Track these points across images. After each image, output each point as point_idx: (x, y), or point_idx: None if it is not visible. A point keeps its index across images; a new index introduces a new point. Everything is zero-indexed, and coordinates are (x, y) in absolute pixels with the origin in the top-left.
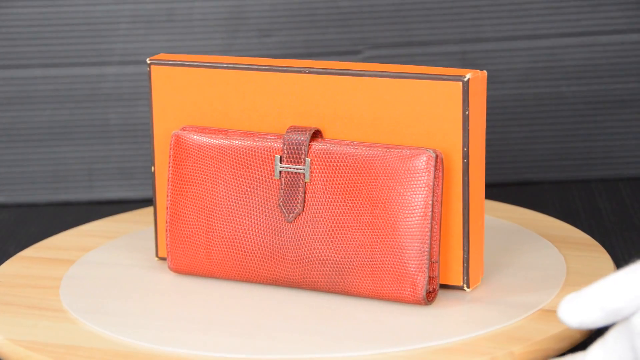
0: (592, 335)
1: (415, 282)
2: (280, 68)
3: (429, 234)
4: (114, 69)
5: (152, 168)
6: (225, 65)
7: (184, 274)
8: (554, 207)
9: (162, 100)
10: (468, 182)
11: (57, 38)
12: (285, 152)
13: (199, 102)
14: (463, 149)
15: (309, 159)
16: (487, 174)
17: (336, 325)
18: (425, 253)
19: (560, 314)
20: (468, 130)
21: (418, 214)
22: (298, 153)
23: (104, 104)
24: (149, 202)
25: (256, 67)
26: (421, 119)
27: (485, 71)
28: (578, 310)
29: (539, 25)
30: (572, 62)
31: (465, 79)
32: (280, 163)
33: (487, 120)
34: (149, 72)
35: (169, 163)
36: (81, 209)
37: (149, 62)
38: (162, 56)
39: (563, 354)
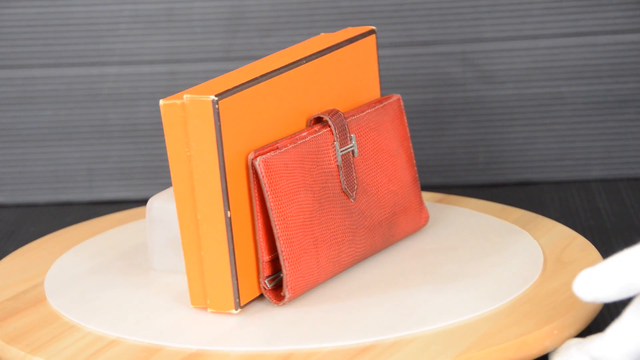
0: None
1: (423, 205)
2: (286, 67)
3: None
4: (114, 69)
5: (228, 213)
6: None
7: (297, 296)
8: (554, 207)
9: (229, 135)
10: None
11: (57, 38)
12: (337, 136)
13: (245, 125)
14: (381, 91)
15: (354, 135)
16: (487, 174)
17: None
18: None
19: (575, 288)
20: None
21: (409, 147)
22: (345, 133)
23: (104, 104)
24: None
25: (281, 70)
26: (353, 79)
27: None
28: (592, 284)
29: (539, 25)
30: (572, 62)
31: (375, 30)
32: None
33: (487, 120)
34: (217, 109)
35: (268, 192)
36: (81, 209)
37: (215, 98)
38: (208, 88)
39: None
